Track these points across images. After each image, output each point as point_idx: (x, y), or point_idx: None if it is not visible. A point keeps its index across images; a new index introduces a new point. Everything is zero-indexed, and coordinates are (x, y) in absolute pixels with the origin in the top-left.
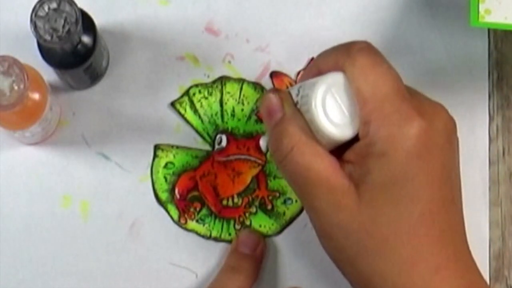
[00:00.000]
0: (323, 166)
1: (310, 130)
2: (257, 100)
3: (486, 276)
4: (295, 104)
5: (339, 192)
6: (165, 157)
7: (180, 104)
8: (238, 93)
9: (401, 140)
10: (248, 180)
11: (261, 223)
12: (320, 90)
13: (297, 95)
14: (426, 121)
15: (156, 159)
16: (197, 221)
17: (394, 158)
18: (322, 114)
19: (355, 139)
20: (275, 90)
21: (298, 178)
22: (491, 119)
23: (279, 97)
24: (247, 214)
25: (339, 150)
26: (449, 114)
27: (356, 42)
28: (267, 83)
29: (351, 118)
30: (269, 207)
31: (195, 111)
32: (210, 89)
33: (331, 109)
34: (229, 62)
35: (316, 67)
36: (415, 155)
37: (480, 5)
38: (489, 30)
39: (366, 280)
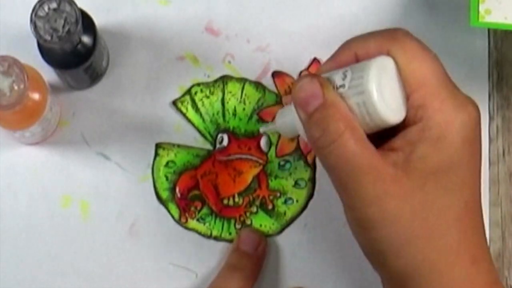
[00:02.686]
0: (370, 153)
1: (355, 116)
2: (258, 100)
3: None
4: (337, 89)
5: (388, 179)
6: (166, 156)
7: (182, 103)
8: (240, 92)
9: (458, 125)
10: (249, 179)
11: (262, 222)
12: (375, 71)
13: (344, 78)
14: (476, 110)
15: (157, 158)
16: (197, 220)
17: (450, 142)
18: (379, 95)
19: (393, 126)
20: (311, 75)
21: (342, 167)
22: (491, 119)
23: (318, 82)
24: (247, 214)
25: (372, 141)
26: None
27: (399, 29)
28: (267, 83)
29: (402, 102)
30: (270, 206)
31: (197, 110)
32: (211, 88)
33: (385, 92)
34: (229, 62)
35: (351, 53)
36: (468, 142)
37: (480, 5)
38: (489, 30)
39: (409, 271)
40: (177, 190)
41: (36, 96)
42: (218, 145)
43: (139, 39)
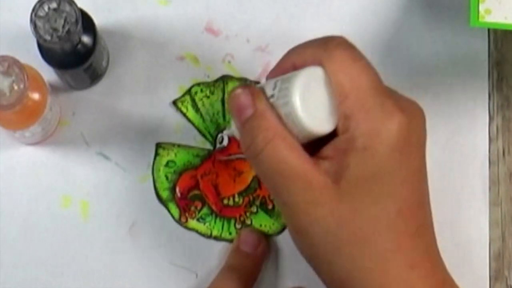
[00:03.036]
0: (300, 161)
1: (285, 125)
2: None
3: (486, 276)
4: (269, 99)
5: (317, 187)
6: (166, 156)
7: (182, 102)
8: None
9: (384, 135)
10: (249, 179)
11: (262, 222)
12: (300, 83)
13: (274, 88)
14: (407, 117)
15: (158, 158)
16: (197, 220)
17: (376, 152)
18: (303, 107)
19: (328, 135)
20: (244, 85)
21: (273, 174)
22: (491, 119)
23: (250, 93)
24: (248, 214)
25: (310, 148)
26: (423, 111)
27: (333, 37)
28: None
29: (330, 113)
30: (270, 206)
31: (197, 110)
32: (212, 88)
33: (311, 103)
34: (229, 62)
35: (290, 62)
36: (397, 151)
37: (480, 5)
38: (489, 30)
39: (343, 277)
40: (177, 190)
41: (36, 96)
42: (218, 145)
43: (139, 39)
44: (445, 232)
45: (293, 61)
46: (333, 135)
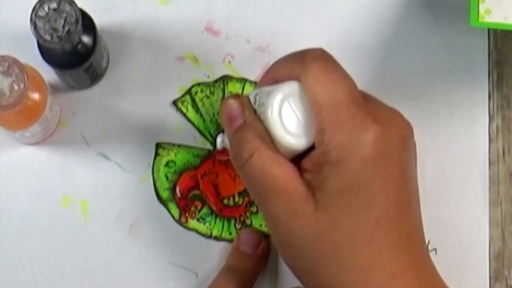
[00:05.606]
0: (282, 173)
1: (270, 137)
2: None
3: (486, 276)
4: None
5: (296, 199)
6: (166, 156)
7: (182, 103)
8: (240, 92)
9: (357, 147)
10: None
11: (262, 222)
12: (276, 99)
13: (255, 103)
14: (381, 128)
15: (158, 158)
16: (197, 220)
17: (349, 165)
18: (279, 123)
19: (313, 147)
20: (235, 96)
21: (256, 185)
22: (491, 119)
23: (240, 103)
24: (248, 214)
25: (300, 158)
26: (405, 119)
27: (310, 50)
28: None
29: (307, 128)
30: None
31: (197, 110)
32: (212, 88)
33: (288, 119)
34: (229, 62)
35: (272, 75)
36: (371, 162)
37: (480, 5)
38: (489, 30)
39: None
40: (177, 190)
41: (36, 96)
42: (218, 145)
43: (139, 39)
44: (445, 232)
45: (274, 75)
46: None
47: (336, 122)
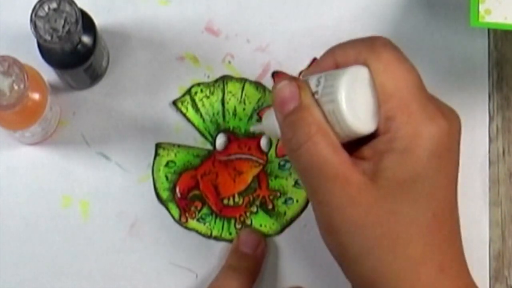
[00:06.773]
0: (340, 160)
1: (328, 122)
2: (259, 100)
3: (486, 276)
4: (313, 94)
5: (354, 187)
6: (166, 156)
7: (182, 103)
8: (240, 92)
9: (425, 138)
10: (249, 179)
11: (262, 222)
12: (346, 81)
13: (317, 85)
14: (448, 123)
15: (158, 158)
16: (197, 220)
17: (417, 155)
18: (349, 105)
19: (366, 136)
20: (291, 77)
21: (311, 170)
22: (491, 119)
23: (296, 85)
24: (248, 214)
25: (347, 148)
26: (460, 119)
27: (379, 37)
28: (267, 83)
29: (372, 113)
30: (270, 206)
31: (197, 110)
32: (212, 88)
33: (355, 102)
34: (229, 62)
35: (333, 59)
36: (437, 155)
37: (480, 5)
38: (489, 30)
39: (373, 278)
40: (177, 190)
41: (36, 96)
42: (217, 145)
43: (139, 39)
44: None
45: (336, 59)
46: (370, 136)
47: (406, 111)
